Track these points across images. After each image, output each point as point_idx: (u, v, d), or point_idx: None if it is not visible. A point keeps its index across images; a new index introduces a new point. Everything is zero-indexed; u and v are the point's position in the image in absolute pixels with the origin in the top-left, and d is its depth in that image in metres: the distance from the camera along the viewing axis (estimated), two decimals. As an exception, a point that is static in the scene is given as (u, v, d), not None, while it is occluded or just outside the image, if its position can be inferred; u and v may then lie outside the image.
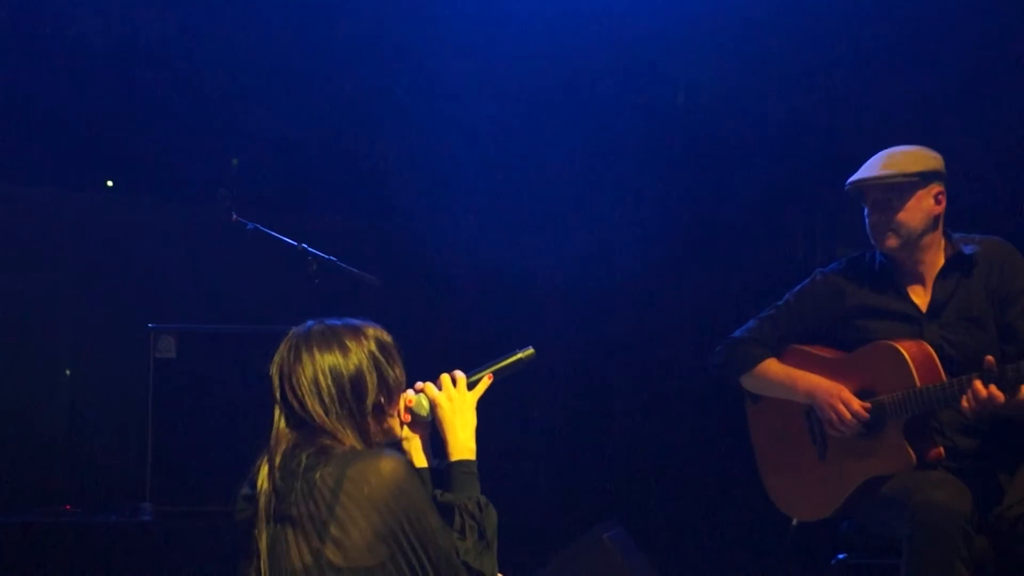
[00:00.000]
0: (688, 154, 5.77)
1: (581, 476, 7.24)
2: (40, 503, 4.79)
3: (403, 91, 5.65)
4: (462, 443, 2.07)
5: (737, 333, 2.94)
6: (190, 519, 4.12)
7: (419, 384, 2.10)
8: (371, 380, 1.95)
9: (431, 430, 2.12)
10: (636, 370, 7.23)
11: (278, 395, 1.97)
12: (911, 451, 2.61)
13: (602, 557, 3.41)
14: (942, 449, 2.64)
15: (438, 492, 2.02)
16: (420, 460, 2.12)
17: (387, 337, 2.03)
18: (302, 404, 1.93)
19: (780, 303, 2.92)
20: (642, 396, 7.17)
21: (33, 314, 6.27)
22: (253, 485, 1.98)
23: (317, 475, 1.87)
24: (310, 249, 3.89)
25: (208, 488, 4.21)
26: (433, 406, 2.08)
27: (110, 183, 6.66)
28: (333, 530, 1.84)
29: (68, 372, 6.22)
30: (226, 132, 6.68)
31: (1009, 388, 2.47)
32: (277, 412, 1.98)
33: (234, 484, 4.06)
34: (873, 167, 2.74)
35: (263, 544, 1.92)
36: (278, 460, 1.93)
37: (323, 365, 1.94)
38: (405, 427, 2.09)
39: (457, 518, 1.96)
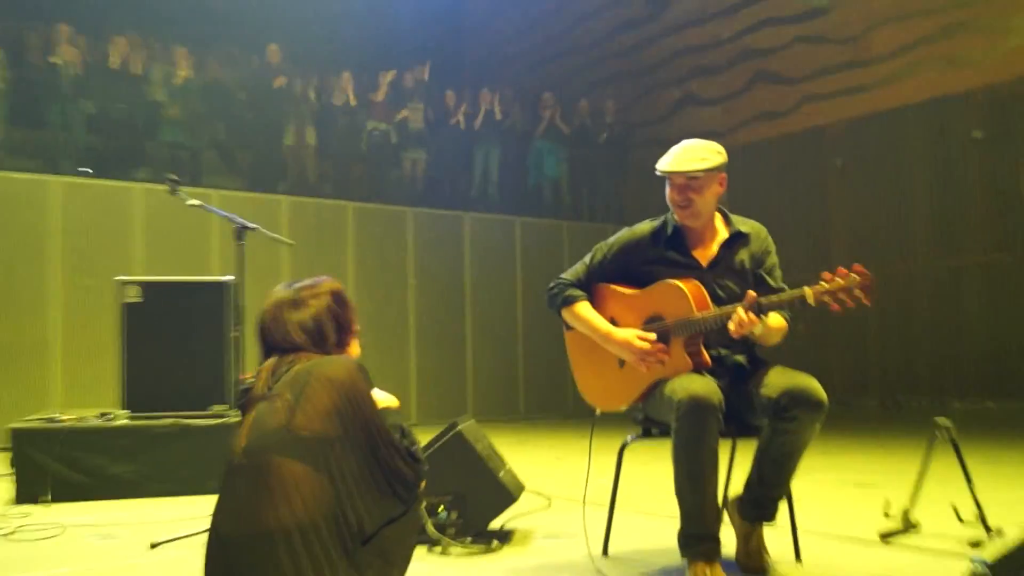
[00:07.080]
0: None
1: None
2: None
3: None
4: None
5: (564, 275, 3.40)
6: (155, 422, 4.65)
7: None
8: (330, 325, 2.33)
9: None
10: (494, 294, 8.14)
11: (273, 341, 2.31)
12: (689, 359, 3.11)
13: (459, 446, 3.62)
14: (709, 358, 3.13)
15: None
16: None
17: (339, 288, 2.38)
18: (293, 346, 2.30)
19: (601, 248, 3.38)
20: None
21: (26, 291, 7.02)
22: (254, 378, 2.28)
23: (296, 367, 2.22)
24: (235, 218, 4.12)
25: (164, 399, 4.74)
26: None
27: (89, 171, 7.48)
28: (302, 401, 2.13)
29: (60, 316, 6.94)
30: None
31: (762, 314, 3.00)
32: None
33: (186, 395, 4.73)
34: (680, 159, 3.17)
35: (251, 414, 2.20)
36: (272, 365, 2.27)
37: (296, 320, 2.31)
38: None
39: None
